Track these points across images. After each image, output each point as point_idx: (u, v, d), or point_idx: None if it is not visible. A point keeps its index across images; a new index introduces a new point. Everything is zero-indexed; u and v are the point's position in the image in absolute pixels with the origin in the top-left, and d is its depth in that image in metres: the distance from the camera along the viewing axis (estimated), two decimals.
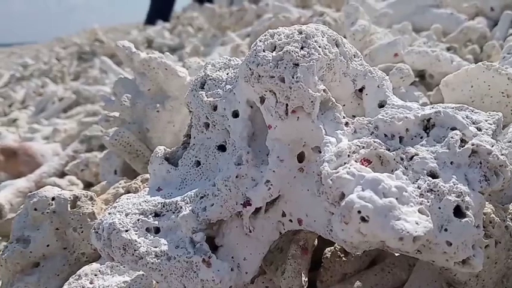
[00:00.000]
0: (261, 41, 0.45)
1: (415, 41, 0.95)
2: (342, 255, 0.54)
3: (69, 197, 0.58)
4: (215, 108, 0.49)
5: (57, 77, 2.60)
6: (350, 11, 0.90)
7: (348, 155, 0.40)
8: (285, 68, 0.42)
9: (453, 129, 0.41)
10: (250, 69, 0.43)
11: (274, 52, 0.43)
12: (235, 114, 0.48)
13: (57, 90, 2.16)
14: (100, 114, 1.45)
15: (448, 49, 0.93)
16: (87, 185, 1.05)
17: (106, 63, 1.59)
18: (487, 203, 0.44)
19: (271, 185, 0.43)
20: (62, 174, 1.13)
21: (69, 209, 0.58)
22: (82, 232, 0.58)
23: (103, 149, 1.17)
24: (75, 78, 2.67)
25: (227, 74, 0.52)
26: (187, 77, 0.73)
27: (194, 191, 0.45)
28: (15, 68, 3.40)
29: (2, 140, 1.49)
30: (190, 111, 0.52)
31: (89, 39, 3.07)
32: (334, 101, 0.44)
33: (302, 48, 0.43)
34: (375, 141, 0.41)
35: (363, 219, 0.35)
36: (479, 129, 0.42)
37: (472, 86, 0.58)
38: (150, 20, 4.14)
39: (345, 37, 1.01)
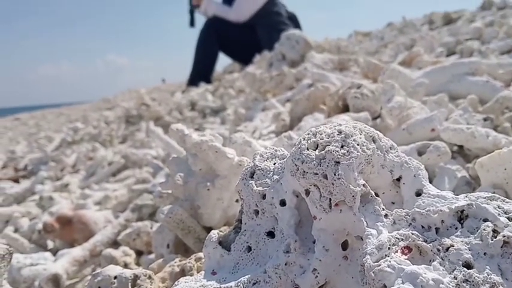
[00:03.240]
0: (304, 139, 0.50)
1: (451, 113, 0.98)
2: None
3: (130, 276, 0.63)
4: (264, 196, 0.54)
5: (106, 140, 2.73)
6: (386, 88, 0.95)
7: (388, 248, 0.43)
8: (327, 166, 0.47)
9: (485, 220, 0.45)
10: (296, 165, 0.48)
11: (317, 151, 0.48)
12: (283, 203, 0.52)
13: (106, 155, 2.27)
14: (150, 182, 1.54)
15: (485, 120, 0.96)
16: (138, 254, 1.10)
17: (154, 133, 1.68)
18: None
19: (318, 273, 0.47)
20: (114, 243, 1.19)
21: (129, 287, 0.63)
22: None
23: (153, 217, 1.24)
24: (122, 141, 2.80)
25: (274, 164, 0.57)
26: (235, 158, 0.79)
27: (247, 277, 0.50)
28: (66, 131, 3.57)
29: (56, 207, 1.57)
30: (241, 199, 0.57)
31: (136, 103, 3.21)
32: (373, 194, 0.48)
33: (342, 147, 0.48)
34: (412, 233, 0.45)
35: None
36: (511, 220, 0.45)
37: (505, 169, 0.61)
38: (193, 81, 4.29)
39: (381, 108, 1.06)
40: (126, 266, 0.99)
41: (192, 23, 4.38)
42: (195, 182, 0.81)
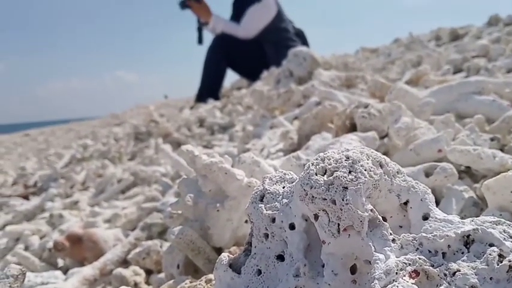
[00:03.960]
0: (313, 165, 0.51)
1: (458, 132, 0.99)
2: None
3: None
4: (273, 220, 0.55)
5: (115, 157, 2.75)
6: (393, 108, 0.96)
7: (396, 272, 0.44)
8: (336, 191, 0.48)
9: (491, 245, 0.46)
10: (305, 190, 0.50)
11: (325, 176, 0.49)
12: (292, 227, 0.53)
13: (115, 172, 2.29)
14: (159, 200, 1.55)
15: (492, 139, 0.97)
16: (148, 272, 1.11)
17: (164, 151, 1.69)
18: None
19: None
20: (123, 261, 1.20)
21: None
22: None
23: (162, 236, 1.25)
24: (131, 157, 2.81)
25: (283, 187, 0.58)
26: (244, 179, 0.80)
27: None
28: (76, 148, 3.60)
29: (66, 225, 1.59)
30: (251, 222, 0.58)
31: (145, 119, 3.24)
32: (381, 218, 0.49)
33: (350, 172, 0.49)
34: (420, 258, 0.46)
35: None
36: None
37: (511, 191, 0.62)
38: (201, 97, 4.32)
39: (388, 128, 1.07)
40: (136, 285, 1.00)
41: (200, 40, 4.42)
42: (205, 203, 0.82)
